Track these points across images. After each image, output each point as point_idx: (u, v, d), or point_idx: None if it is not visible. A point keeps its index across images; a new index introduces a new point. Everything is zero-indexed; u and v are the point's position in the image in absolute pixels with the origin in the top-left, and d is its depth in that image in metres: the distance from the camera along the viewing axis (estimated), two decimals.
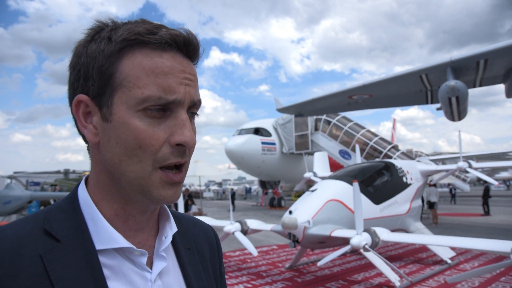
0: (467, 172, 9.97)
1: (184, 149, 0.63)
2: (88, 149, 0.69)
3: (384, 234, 5.67)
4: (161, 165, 0.62)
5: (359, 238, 5.43)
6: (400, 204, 8.04)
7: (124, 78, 0.61)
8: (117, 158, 0.61)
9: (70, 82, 0.66)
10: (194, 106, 0.66)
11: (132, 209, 0.66)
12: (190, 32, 0.66)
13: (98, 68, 0.62)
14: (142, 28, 0.62)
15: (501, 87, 11.69)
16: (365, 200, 6.98)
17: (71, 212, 0.65)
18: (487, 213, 16.85)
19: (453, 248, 7.94)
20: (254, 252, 6.54)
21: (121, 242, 0.63)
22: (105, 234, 0.63)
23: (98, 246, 0.62)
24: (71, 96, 0.65)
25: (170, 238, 0.72)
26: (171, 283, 0.70)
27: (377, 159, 16.41)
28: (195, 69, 0.68)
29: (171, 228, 0.73)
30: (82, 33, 0.66)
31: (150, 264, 0.68)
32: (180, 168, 0.64)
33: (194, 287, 0.72)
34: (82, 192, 0.67)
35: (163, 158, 0.61)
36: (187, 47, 0.65)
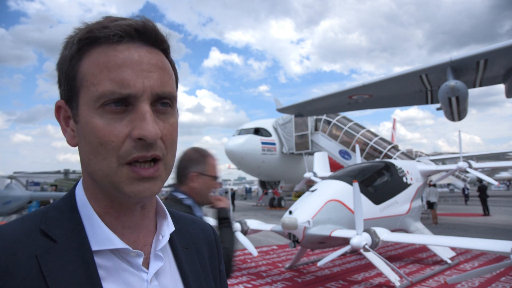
0: (467, 172, 9.95)
1: (148, 143, 0.60)
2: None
3: (384, 234, 5.67)
4: (126, 161, 0.60)
5: (359, 238, 5.42)
6: (400, 204, 8.03)
7: (83, 77, 0.61)
8: (86, 157, 0.62)
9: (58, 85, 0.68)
10: (162, 98, 0.63)
11: (119, 207, 0.66)
12: (146, 19, 0.64)
13: (65, 72, 0.63)
14: (96, 25, 0.61)
15: (500, 87, 11.69)
16: (365, 200, 6.97)
17: (68, 212, 0.65)
18: (486, 213, 16.84)
19: (453, 248, 7.94)
20: (254, 252, 6.53)
21: (117, 243, 0.62)
22: (101, 235, 0.62)
23: (94, 247, 0.61)
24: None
25: (167, 238, 0.71)
26: (167, 283, 0.69)
27: (377, 159, 16.41)
28: (162, 58, 0.65)
29: (169, 227, 0.72)
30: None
31: (146, 263, 0.67)
32: (156, 162, 0.62)
33: (191, 287, 0.71)
34: (80, 192, 0.67)
35: (126, 153, 0.59)
36: (142, 35, 0.62)
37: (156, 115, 0.62)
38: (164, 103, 0.64)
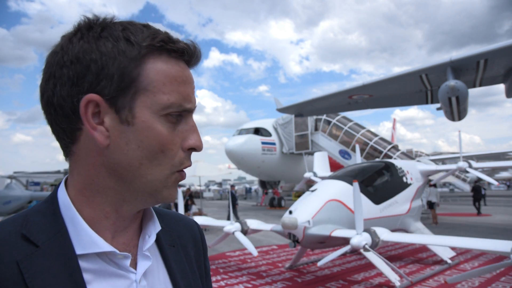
0: (467, 172, 9.95)
1: (191, 153, 0.67)
2: (67, 151, 0.64)
3: (384, 234, 5.67)
4: (179, 169, 0.65)
5: (359, 238, 5.42)
6: (400, 204, 8.03)
7: (149, 82, 0.61)
8: (137, 162, 0.61)
9: (73, 79, 0.59)
10: None
11: (126, 210, 0.65)
12: (197, 45, 0.68)
13: (120, 69, 0.59)
14: (164, 36, 0.63)
15: (499, 87, 11.70)
16: (365, 200, 6.97)
17: (50, 215, 0.62)
18: (478, 212, 17.18)
19: (453, 248, 7.94)
20: (254, 252, 6.54)
21: (103, 246, 0.61)
22: (85, 238, 0.61)
23: (78, 251, 0.60)
24: (65, 93, 0.60)
25: (153, 237, 0.70)
26: (156, 282, 0.69)
27: (377, 159, 16.41)
28: None
29: (155, 227, 0.72)
30: (74, 25, 0.63)
31: (134, 264, 0.67)
32: None
33: (179, 284, 0.71)
34: (62, 195, 0.65)
35: (180, 162, 0.65)
36: (194, 59, 0.68)
37: None
38: None
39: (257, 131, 22.19)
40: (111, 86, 0.59)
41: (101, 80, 0.59)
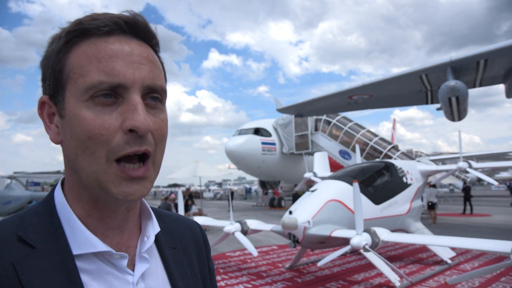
0: (467, 172, 9.94)
1: (140, 136, 0.58)
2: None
3: (384, 234, 5.66)
4: (117, 156, 0.57)
5: (359, 238, 5.42)
6: (400, 204, 8.03)
7: (70, 70, 0.59)
8: (73, 153, 0.59)
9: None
10: (152, 92, 0.61)
11: (103, 208, 0.63)
12: (136, 13, 0.63)
13: (51, 67, 0.61)
14: (85, 18, 0.60)
15: (499, 87, 11.70)
16: (365, 200, 6.97)
17: (47, 216, 0.62)
18: (470, 212, 17.44)
19: (453, 249, 7.94)
20: (254, 252, 6.53)
21: (99, 246, 0.60)
22: (82, 238, 0.60)
23: (75, 251, 0.59)
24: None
25: (152, 239, 0.69)
26: (154, 285, 0.67)
27: (377, 159, 16.39)
28: (152, 53, 0.64)
29: (154, 228, 0.71)
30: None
31: (132, 266, 0.65)
32: (144, 161, 0.60)
33: (179, 286, 0.70)
34: (58, 195, 0.65)
35: (118, 148, 0.57)
36: (132, 28, 0.62)
37: (146, 109, 0.60)
38: (154, 97, 0.62)
39: (257, 131, 22.19)
40: (50, 85, 0.62)
41: (45, 81, 0.63)
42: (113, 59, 0.58)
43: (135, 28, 0.62)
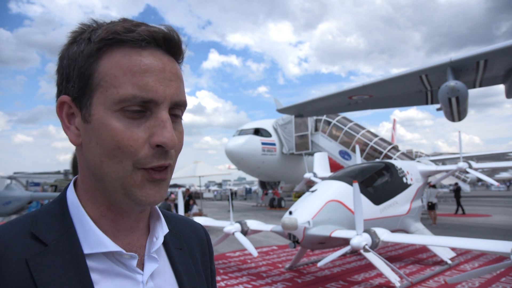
0: (467, 172, 9.93)
1: (166, 151, 0.61)
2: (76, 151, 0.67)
3: (384, 235, 5.67)
4: (144, 167, 0.60)
5: (359, 239, 5.42)
6: (400, 204, 8.03)
7: (102, 78, 0.60)
8: (98, 159, 0.60)
9: (57, 85, 0.65)
10: (177, 107, 0.63)
11: (117, 210, 0.65)
12: (171, 29, 0.64)
13: (78, 69, 0.61)
14: (120, 27, 0.60)
15: (499, 88, 11.71)
16: (365, 201, 6.97)
17: (59, 215, 0.64)
18: (461, 212, 17.50)
19: (453, 249, 7.94)
20: (254, 253, 6.53)
21: (110, 246, 0.62)
22: (93, 238, 0.62)
23: (86, 250, 0.61)
24: (57, 98, 0.65)
25: (161, 239, 0.71)
26: (163, 284, 0.69)
27: (377, 160, 16.40)
28: (179, 68, 0.66)
29: (162, 229, 0.72)
30: (66, 36, 0.65)
31: (141, 265, 0.67)
32: (164, 170, 0.63)
33: (186, 287, 0.72)
34: (71, 195, 0.66)
35: (145, 160, 0.59)
36: (167, 43, 0.63)
37: None
38: (177, 111, 0.64)
39: (257, 131, 22.21)
40: (75, 87, 0.62)
41: (69, 82, 0.62)
42: (147, 74, 0.59)
43: (170, 44, 0.63)
